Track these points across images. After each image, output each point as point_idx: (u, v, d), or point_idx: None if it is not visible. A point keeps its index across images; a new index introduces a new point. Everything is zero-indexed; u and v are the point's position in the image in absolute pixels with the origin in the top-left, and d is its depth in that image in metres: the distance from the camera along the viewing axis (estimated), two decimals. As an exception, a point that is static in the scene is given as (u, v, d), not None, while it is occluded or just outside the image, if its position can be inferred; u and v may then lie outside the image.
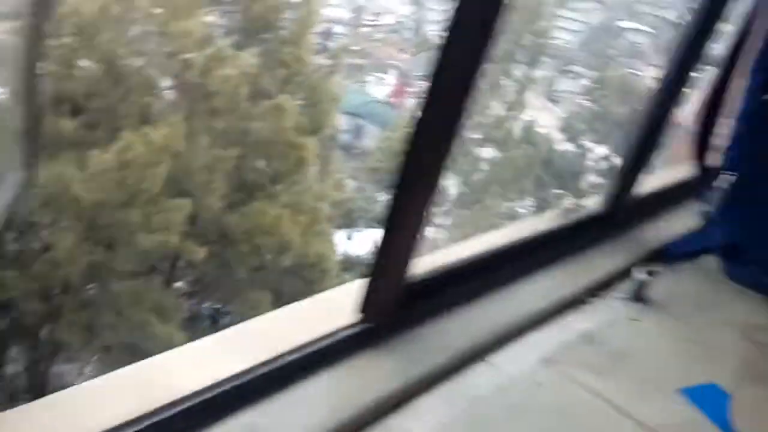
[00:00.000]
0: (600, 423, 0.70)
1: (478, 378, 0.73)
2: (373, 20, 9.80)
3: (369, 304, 0.70)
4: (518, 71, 7.54)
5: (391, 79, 9.63)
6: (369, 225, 8.40)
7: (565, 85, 8.87)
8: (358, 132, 9.42)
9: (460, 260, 0.85)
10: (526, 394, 0.71)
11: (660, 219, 1.11)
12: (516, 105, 7.55)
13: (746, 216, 0.98)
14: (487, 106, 8.22)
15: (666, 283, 0.97)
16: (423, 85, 0.66)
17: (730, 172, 0.98)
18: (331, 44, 7.54)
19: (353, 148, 9.31)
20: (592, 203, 1.05)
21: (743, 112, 0.93)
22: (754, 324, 0.90)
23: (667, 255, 1.03)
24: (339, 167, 7.88)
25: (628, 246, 1.02)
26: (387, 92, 9.61)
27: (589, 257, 0.98)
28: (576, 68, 8.90)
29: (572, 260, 0.97)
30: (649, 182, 1.19)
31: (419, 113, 0.67)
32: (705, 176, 1.04)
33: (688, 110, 1.09)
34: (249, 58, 4.82)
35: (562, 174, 8.21)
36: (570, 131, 8.33)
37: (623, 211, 1.05)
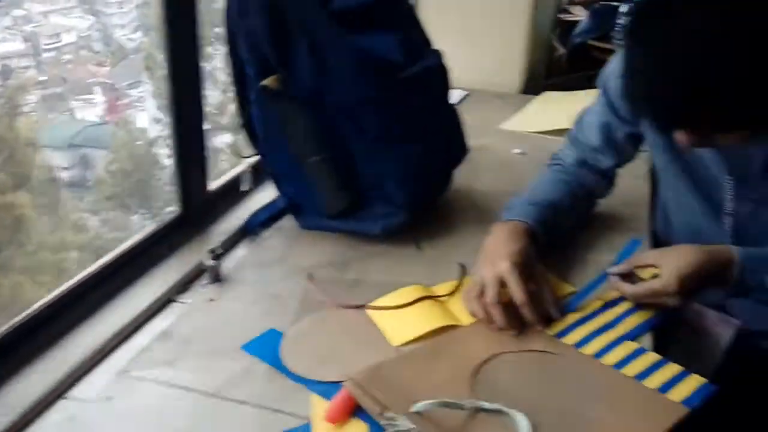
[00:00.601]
0: (172, 407, 0.81)
1: (55, 416, 0.81)
2: (54, 43, 9.03)
3: None
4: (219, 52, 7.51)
5: (99, 97, 9.02)
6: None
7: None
8: (84, 163, 8.76)
9: (33, 310, 0.92)
10: (96, 412, 0.80)
11: (241, 202, 1.28)
12: (229, 87, 7.56)
13: (287, 182, 1.17)
14: (208, 95, 8.13)
15: (248, 254, 1.14)
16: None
17: (258, 152, 1.16)
18: (12, 82, 6.86)
19: (85, 180, 8.68)
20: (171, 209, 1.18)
21: (254, 101, 1.10)
22: (317, 263, 1.10)
23: (249, 230, 1.20)
24: (73, 207, 7.34)
25: (213, 235, 1.17)
26: (100, 112, 9.01)
27: (175, 258, 1.11)
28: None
29: (160, 266, 1.09)
30: (234, 170, 1.35)
31: None
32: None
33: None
34: None
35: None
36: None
37: (202, 205, 1.20)
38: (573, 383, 0.82)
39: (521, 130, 1.65)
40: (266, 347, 0.91)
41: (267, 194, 1.28)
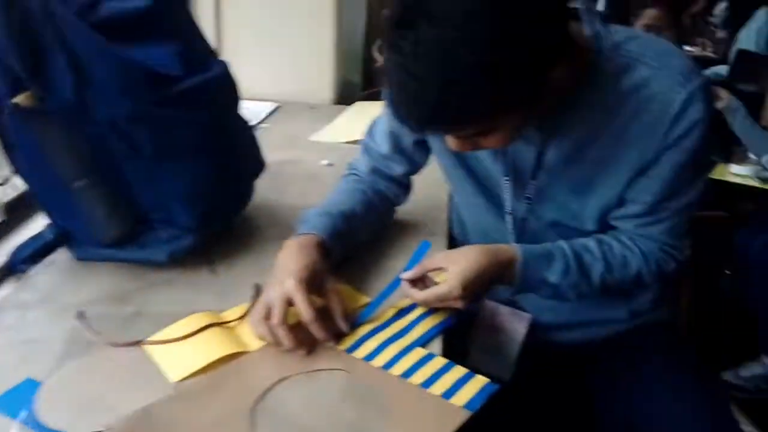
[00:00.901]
0: None
1: None
2: None
3: None
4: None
5: None
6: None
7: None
8: None
9: None
10: None
11: (8, 236, 1.12)
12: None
13: (55, 209, 1.04)
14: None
15: (8, 295, 0.99)
16: None
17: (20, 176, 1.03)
18: None
19: None
20: None
21: (7, 118, 0.96)
22: (92, 299, 0.98)
23: (13, 268, 1.05)
24: None
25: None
26: None
27: None
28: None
29: None
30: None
31: None
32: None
33: None
34: None
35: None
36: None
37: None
38: (360, 399, 0.79)
39: (330, 141, 1.62)
40: (18, 401, 0.78)
41: (39, 225, 1.14)
